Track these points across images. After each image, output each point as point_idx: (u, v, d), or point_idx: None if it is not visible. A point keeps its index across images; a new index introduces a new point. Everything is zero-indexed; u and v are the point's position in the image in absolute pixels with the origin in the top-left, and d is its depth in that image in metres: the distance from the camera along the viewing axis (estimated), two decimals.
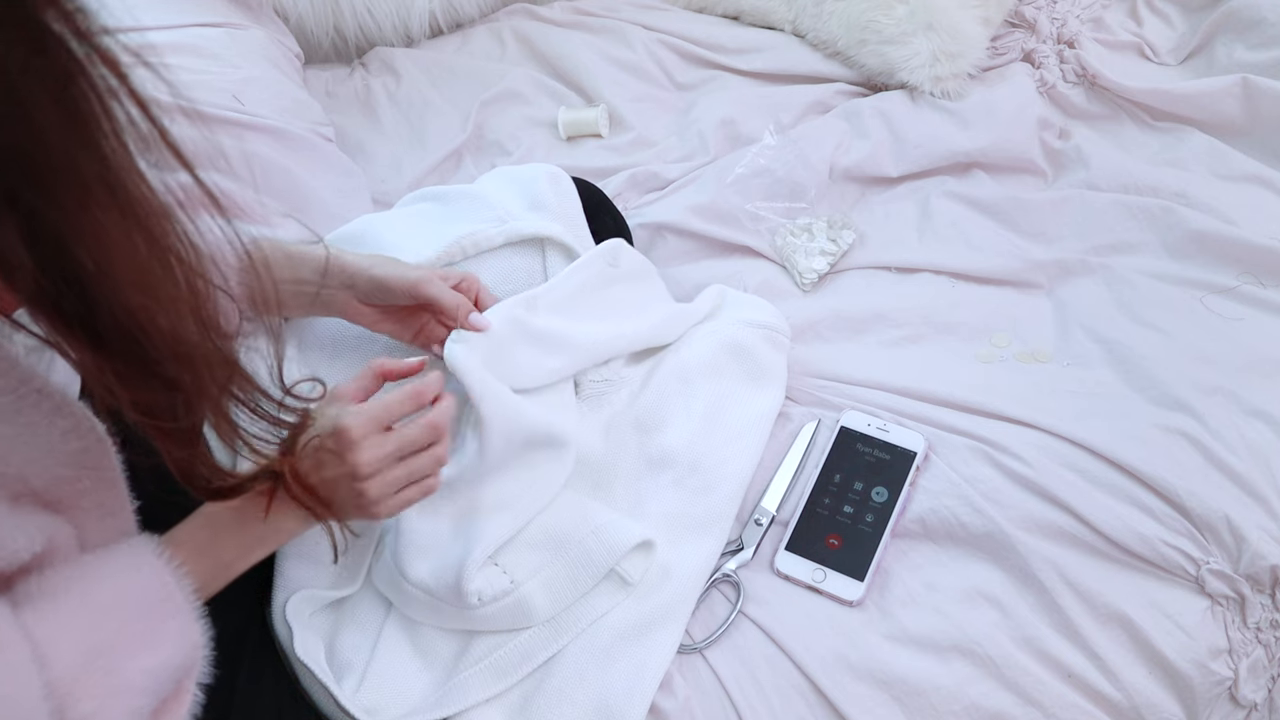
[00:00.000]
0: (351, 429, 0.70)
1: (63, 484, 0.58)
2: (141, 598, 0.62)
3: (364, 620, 0.84)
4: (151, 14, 1.24)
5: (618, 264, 0.97)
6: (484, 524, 0.81)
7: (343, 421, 0.70)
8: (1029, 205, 1.19)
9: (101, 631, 0.59)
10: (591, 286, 0.94)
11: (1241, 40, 1.30)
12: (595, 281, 0.95)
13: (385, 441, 0.71)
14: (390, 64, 1.49)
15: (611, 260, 0.97)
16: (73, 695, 0.55)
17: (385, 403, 0.72)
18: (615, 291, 0.97)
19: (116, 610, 0.60)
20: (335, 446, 0.70)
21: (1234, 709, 0.87)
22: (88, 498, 0.60)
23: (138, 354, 0.51)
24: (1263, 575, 0.86)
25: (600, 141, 1.37)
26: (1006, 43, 1.38)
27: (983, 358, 1.06)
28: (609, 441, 0.95)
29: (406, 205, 1.06)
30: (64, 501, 0.59)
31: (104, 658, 0.58)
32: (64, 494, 0.58)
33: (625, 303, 0.98)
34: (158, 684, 0.61)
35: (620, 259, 0.98)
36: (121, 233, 0.47)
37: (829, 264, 1.16)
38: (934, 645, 0.84)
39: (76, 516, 0.60)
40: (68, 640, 0.57)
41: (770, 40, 1.45)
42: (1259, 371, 0.99)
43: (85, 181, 0.46)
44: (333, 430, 0.70)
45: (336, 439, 0.70)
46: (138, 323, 0.50)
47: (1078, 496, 0.90)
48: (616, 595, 0.84)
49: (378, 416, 0.71)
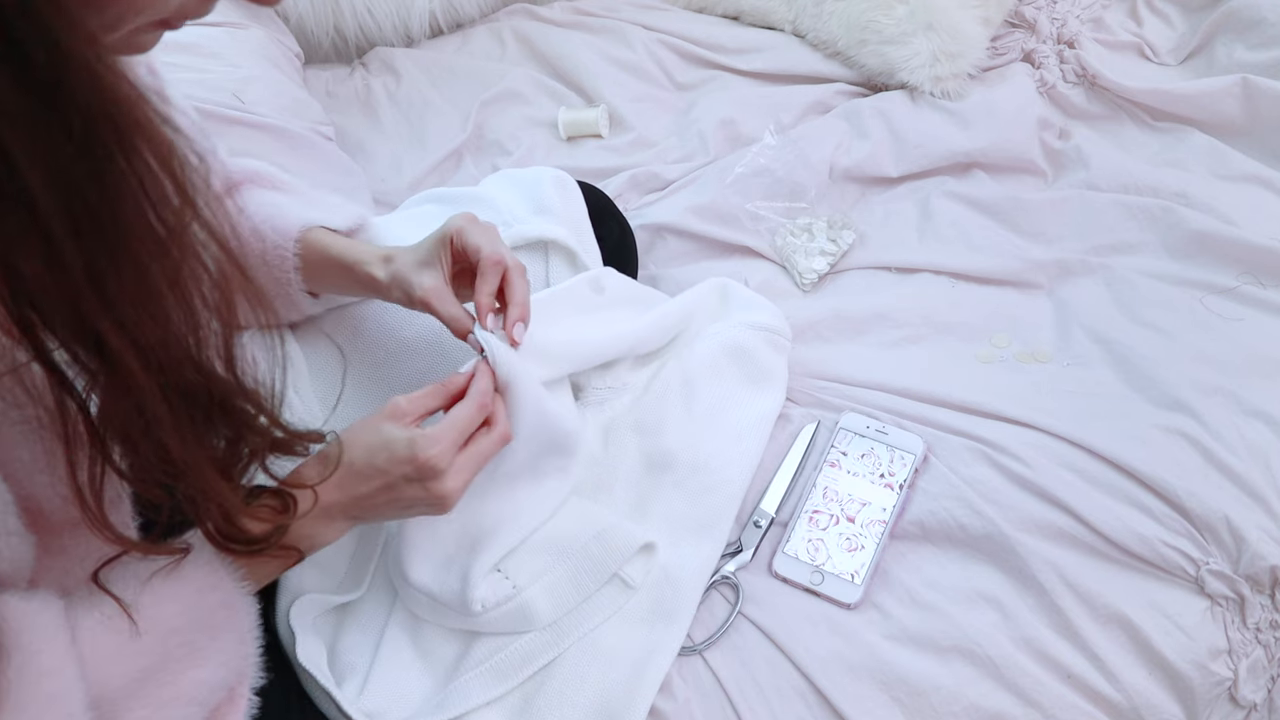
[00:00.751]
0: (437, 460, 0.69)
1: (68, 507, 0.58)
2: (209, 617, 0.63)
3: (366, 623, 0.84)
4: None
5: (602, 291, 0.95)
6: (489, 532, 0.81)
7: (426, 454, 0.69)
8: (1029, 205, 1.19)
9: (166, 647, 0.61)
10: (574, 309, 0.92)
11: (1241, 40, 1.30)
12: (578, 305, 0.93)
13: (465, 465, 0.71)
14: (390, 64, 1.49)
15: (595, 288, 0.95)
16: (123, 705, 0.58)
17: (455, 423, 0.71)
18: (601, 316, 0.94)
19: (182, 629, 0.62)
20: (416, 475, 0.69)
21: (1234, 709, 0.87)
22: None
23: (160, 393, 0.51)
24: (1262, 575, 0.86)
25: (600, 142, 1.37)
26: (1006, 43, 1.38)
27: (983, 358, 1.06)
28: (609, 443, 0.95)
29: (411, 207, 1.06)
30: (65, 526, 0.59)
31: (161, 671, 0.60)
32: (70, 517, 0.59)
33: (612, 322, 0.96)
34: (210, 693, 0.63)
35: (605, 286, 0.96)
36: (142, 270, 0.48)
37: (829, 264, 1.16)
38: (934, 646, 0.85)
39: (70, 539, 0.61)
40: (128, 655, 0.59)
41: (770, 40, 1.45)
42: (1259, 371, 0.99)
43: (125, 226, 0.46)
44: (410, 459, 0.69)
45: (419, 469, 0.69)
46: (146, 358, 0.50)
47: (1077, 497, 0.90)
48: (618, 599, 0.84)
49: (455, 440, 0.71)
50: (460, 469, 0.71)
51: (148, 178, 0.46)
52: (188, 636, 0.62)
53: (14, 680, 0.53)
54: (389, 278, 0.81)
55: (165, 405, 0.52)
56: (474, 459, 0.72)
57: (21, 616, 0.55)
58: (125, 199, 0.45)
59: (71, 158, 0.43)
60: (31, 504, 0.57)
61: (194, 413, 0.54)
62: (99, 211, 0.45)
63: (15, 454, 0.55)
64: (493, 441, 0.73)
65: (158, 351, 0.50)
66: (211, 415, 0.56)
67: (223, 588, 0.65)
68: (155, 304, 0.49)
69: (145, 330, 0.49)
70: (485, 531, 0.81)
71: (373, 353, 0.95)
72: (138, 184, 0.45)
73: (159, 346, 0.50)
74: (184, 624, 0.62)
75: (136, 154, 0.45)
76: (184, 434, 0.54)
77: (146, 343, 0.49)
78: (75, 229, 0.44)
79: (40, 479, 0.56)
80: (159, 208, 0.47)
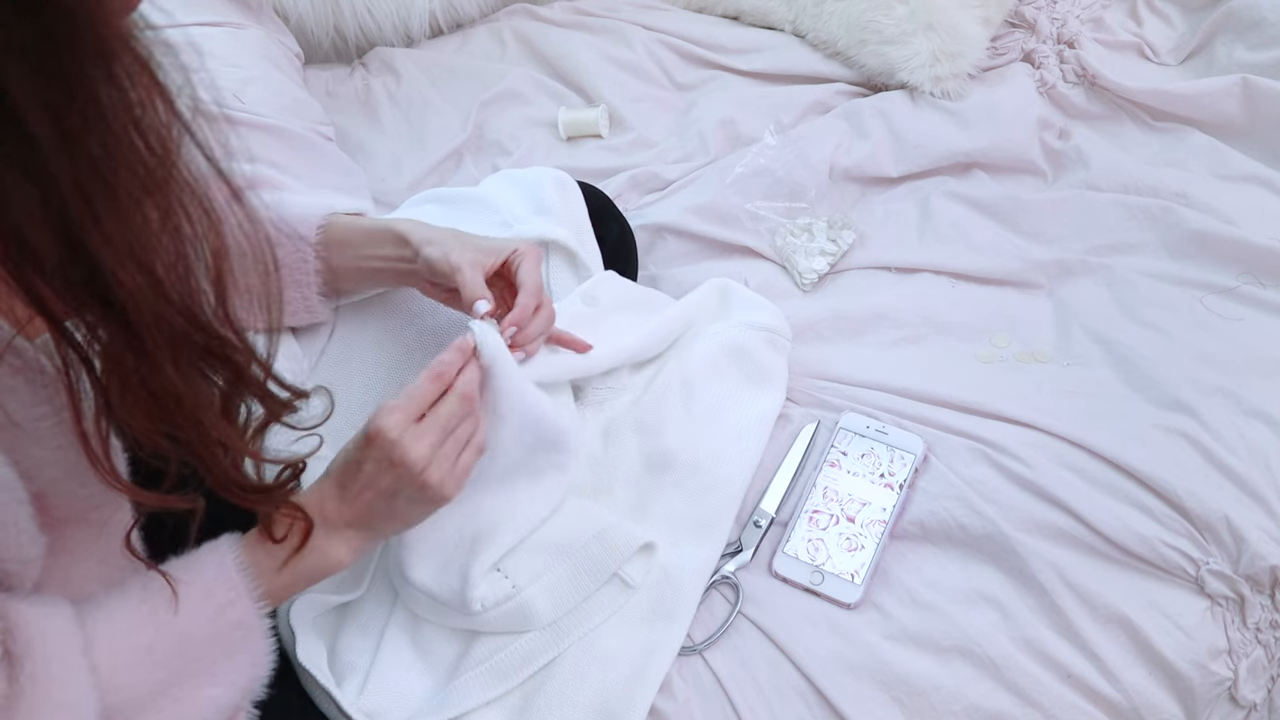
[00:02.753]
0: (387, 429, 0.68)
1: (76, 502, 0.58)
2: (226, 635, 0.63)
3: (366, 623, 0.85)
4: (151, 13, 1.24)
5: (596, 303, 0.96)
6: (488, 532, 0.81)
7: (375, 424, 0.68)
8: (1029, 205, 1.19)
9: (183, 660, 0.61)
10: (577, 326, 0.92)
11: (1241, 40, 1.30)
12: (573, 321, 0.92)
13: (425, 430, 0.69)
14: (390, 64, 1.49)
15: (589, 301, 0.96)
16: (136, 718, 0.58)
17: (409, 393, 0.70)
18: (600, 328, 0.94)
19: (200, 644, 0.62)
20: (378, 454, 0.68)
21: (1233, 709, 0.87)
22: (96, 513, 0.61)
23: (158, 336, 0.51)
24: (1262, 575, 0.86)
25: (600, 142, 1.37)
26: (1006, 43, 1.38)
27: (983, 358, 1.06)
28: (609, 443, 0.95)
29: (411, 207, 1.06)
30: (72, 520, 0.60)
31: (176, 686, 0.61)
32: (75, 511, 0.59)
33: (614, 333, 0.96)
34: (219, 711, 0.63)
35: (599, 298, 0.96)
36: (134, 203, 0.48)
37: (829, 264, 1.16)
38: (934, 646, 0.85)
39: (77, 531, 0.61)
40: (145, 667, 0.59)
41: (770, 40, 1.45)
42: (1259, 371, 0.99)
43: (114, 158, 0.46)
44: (366, 438, 0.69)
45: (376, 445, 0.68)
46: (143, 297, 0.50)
47: (1077, 497, 0.90)
48: (618, 599, 0.85)
49: (407, 410, 0.69)
50: (420, 434, 0.69)
51: (133, 94, 0.46)
52: (204, 652, 0.62)
53: (26, 687, 0.53)
54: (421, 240, 0.82)
55: (163, 343, 0.51)
56: (435, 424, 0.70)
57: (32, 623, 0.55)
58: (111, 119, 0.45)
59: (55, 72, 0.43)
60: (43, 501, 0.57)
61: (190, 354, 0.54)
62: (85, 133, 0.45)
63: (30, 451, 0.55)
64: (451, 405, 0.71)
65: (151, 292, 0.50)
66: (208, 361, 0.55)
67: (239, 605, 0.64)
68: (149, 238, 0.49)
69: (140, 266, 0.49)
70: (484, 531, 0.81)
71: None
72: (122, 102, 0.45)
73: (153, 287, 0.50)
74: (201, 639, 0.62)
75: (119, 66, 0.45)
76: (183, 373, 0.54)
77: (140, 281, 0.49)
78: (65, 150, 0.44)
79: (52, 473, 0.57)
80: (146, 133, 0.47)
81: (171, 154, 0.48)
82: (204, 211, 0.51)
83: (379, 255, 0.86)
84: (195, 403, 0.55)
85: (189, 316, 0.52)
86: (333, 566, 0.70)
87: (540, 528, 0.85)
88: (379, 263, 0.86)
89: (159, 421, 0.54)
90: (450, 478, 0.71)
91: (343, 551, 0.70)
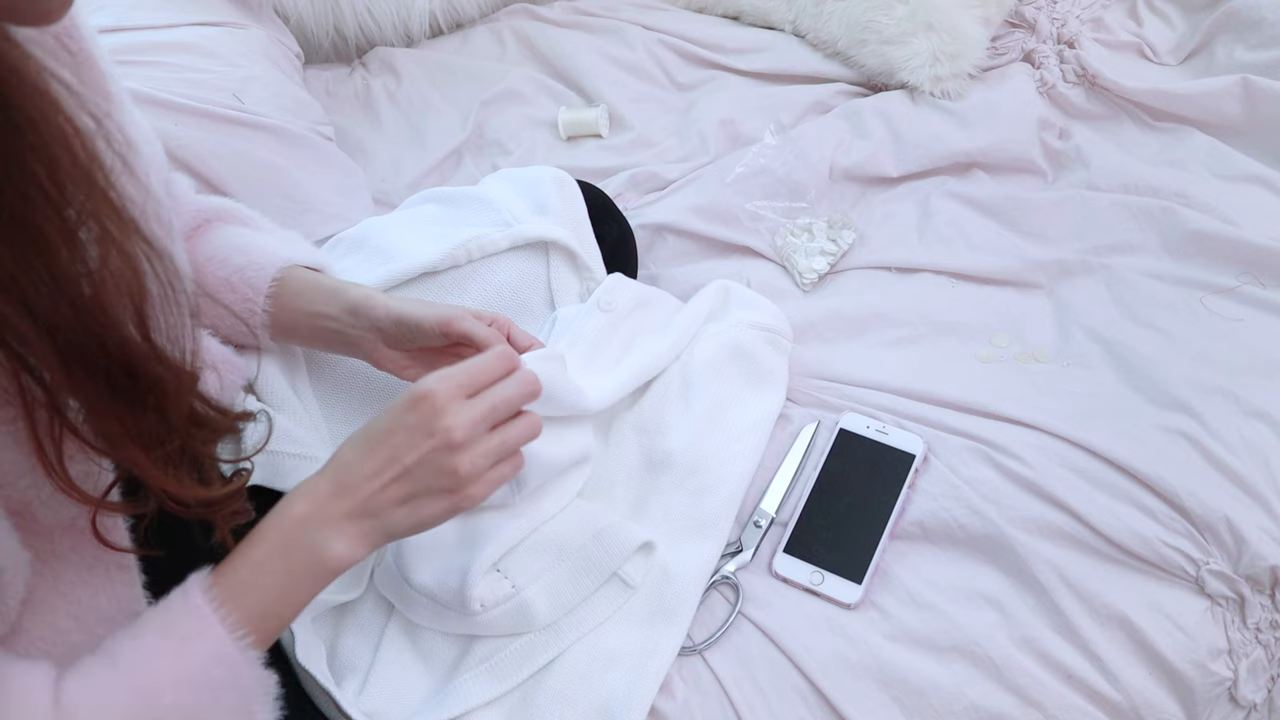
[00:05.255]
0: (437, 392, 0.62)
1: (61, 508, 0.58)
2: (204, 676, 0.58)
3: (366, 623, 0.85)
4: (151, 13, 1.24)
5: (612, 307, 0.96)
6: (489, 530, 0.81)
7: (425, 386, 0.62)
8: (1029, 205, 1.19)
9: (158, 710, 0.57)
10: (604, 334, 0.93)
11: (1241, 40, 1.30)
12: (604, 329, 0.94)
13: (475, 404, 0.63)
14: (390, 64, 1.49)
15: (605, 307, 0.96)
16: None
17: (468, 366, 0.65)
18: (626, 329, 0.95)
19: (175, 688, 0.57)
20: (418, 418, 0.62)
21: (1234, 709, 0.87)
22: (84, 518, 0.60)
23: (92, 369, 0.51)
24: (1262, 576, 0.86)
25: (600, 141, 1.37)
26: (1006, 43, 1.38)
27: (982, 358, 1.06)
28: (609, 443, 0.95)
29: (410, 207, 1.06)
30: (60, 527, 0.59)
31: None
32: (64, 517, 0.59)
33: (637, 337, 0.97)
34: None
35: (615, 302, 0.97)
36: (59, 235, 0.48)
37: (829, 264, 1.16)
38: (934, 646, 0.85)
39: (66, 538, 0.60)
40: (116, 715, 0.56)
41: (770, 40, 1.45)
42: (1259, 371, 0.99)
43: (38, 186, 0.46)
44: (412, 398, 0.62)
45: (418, 407, 0.62)
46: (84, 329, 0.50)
47: (1077, 497, 0.90)
48: (618, 599, 0.84)
49: (462, 381, 0.64)
50: (467, 408, 0.63)
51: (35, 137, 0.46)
52: (179, 697, 0.57)
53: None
54: (380, 301, 0.79)
55: (63, 371, 0.50)
56: (488, 402, 0.64)
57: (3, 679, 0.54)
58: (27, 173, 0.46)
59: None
60: (28, 510, 0.56)
61: (98, 380, 0.52)
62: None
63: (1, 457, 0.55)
64: (511, 389, 0.65)
65: (49, 314, 0.49)
66: (125, 384, 0.53)
67: (209, 636, 0.58)
68: (46, 262, 0.48)
69: (34, 292, 0.48)
70: (485, 530, 0.81)
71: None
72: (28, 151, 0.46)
73: (51, 309, 0.49)
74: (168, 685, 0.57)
75: (20, 113, 0.45)
76: (96, 405, 0.52)
77: (37, 304, 0.48)
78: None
79: (24, 483, 0.55)
80: (52, 176, 0.47)
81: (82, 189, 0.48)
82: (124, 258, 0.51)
83: (327, 315, 0.82)
84: (113, 430, 0.54)
85: (103, 342, 0.51)
86: (332, 563, 0.63)
87: (540, 528, 0.85)
88: (329, 323, 0.82)
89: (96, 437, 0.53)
90: (480, 480, 0.65)
91: (341, 545, 0.63)
